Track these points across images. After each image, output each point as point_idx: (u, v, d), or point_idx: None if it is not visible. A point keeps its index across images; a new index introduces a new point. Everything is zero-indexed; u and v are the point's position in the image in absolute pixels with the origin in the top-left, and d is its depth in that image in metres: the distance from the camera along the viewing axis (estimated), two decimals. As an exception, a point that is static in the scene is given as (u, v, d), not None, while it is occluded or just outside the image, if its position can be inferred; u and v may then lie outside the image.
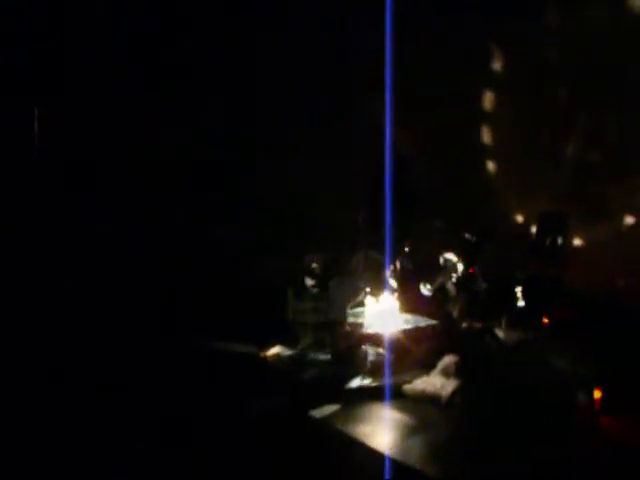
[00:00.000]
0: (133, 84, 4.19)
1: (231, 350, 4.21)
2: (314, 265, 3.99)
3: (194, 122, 4.54)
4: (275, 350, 4.23)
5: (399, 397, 3.75)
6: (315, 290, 3.98)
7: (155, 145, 4.38)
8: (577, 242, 4.58)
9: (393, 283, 4.37)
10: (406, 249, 4.28)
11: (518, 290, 4.00)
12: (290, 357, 4.20)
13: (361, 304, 4.27)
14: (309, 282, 4.04)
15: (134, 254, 4.32)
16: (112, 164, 4.24)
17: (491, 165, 5.14)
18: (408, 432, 3.41)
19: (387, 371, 3.90)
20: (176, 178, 4.59)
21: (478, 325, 4.13)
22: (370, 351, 4.00)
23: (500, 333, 4.20)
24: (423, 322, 4.26)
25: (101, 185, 4.22)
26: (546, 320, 4.15)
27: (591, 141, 4.42)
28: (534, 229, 4.60)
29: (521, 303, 4.02)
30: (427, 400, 3.69)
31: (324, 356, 4.13)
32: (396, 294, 4.39)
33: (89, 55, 3.93)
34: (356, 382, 3.85)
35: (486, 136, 5.22)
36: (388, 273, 4.32)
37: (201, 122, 4.48)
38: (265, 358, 4.18)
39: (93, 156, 4.13)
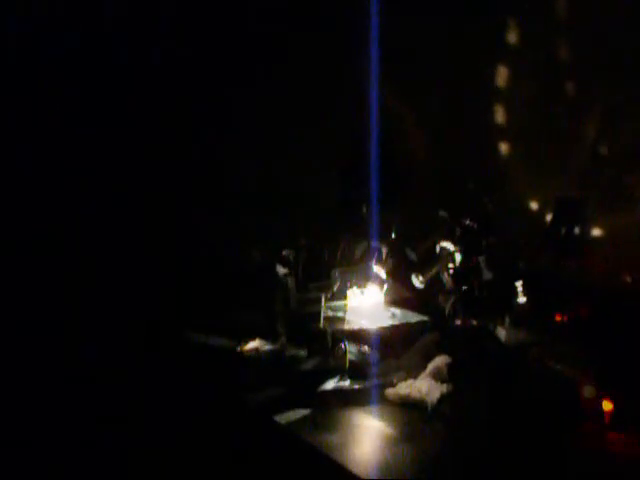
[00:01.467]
0: (118, 80, 4.19)
1: (209, 344, 4.01)
2: (286, 253, 3.59)
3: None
4: (253, 344, 3.95)
5: (380, 402, 3.40)
6: (287, 278, 3.58)
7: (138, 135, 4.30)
8: (596, 232, 4.16)
9: (381, 273, 3.94)
10: (392, 235, 3.83)
11: (519, 284, 3.54)
12: (268, 353, 3.91)
13: (342, 296, 3.85)
14: (281, 270, 3.65)
15: (117, 246, 4.22)
16: (95, 152, 4.20)
17: (504, 147, 4.69)
18: (383, 445, 3.03)
19: (369, 372, 3.54)
20: (158, 162, 4.43)
21: (475, 323, 3.67)
22: (351, 349, 3.60)
23: (502, 332, 3.74)
24: (412, 318, 3.86)
25: (86, 172, 4.20)
26: (559, 318, 3.69)
27: (611, 124, 4.09)
28: (549, 217, 4.24)
29: (522, 299, 3.55)
30: (411, 407, 3.34)
31: (305, 353, 3.83)
32: (384, 285, 3.92)
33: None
34: (332, 384, 3.50)
35: (500, 116, 4.72)
36: (374, 261, 3.89)
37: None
38: (242, 353, 3.90)
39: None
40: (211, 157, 4.51)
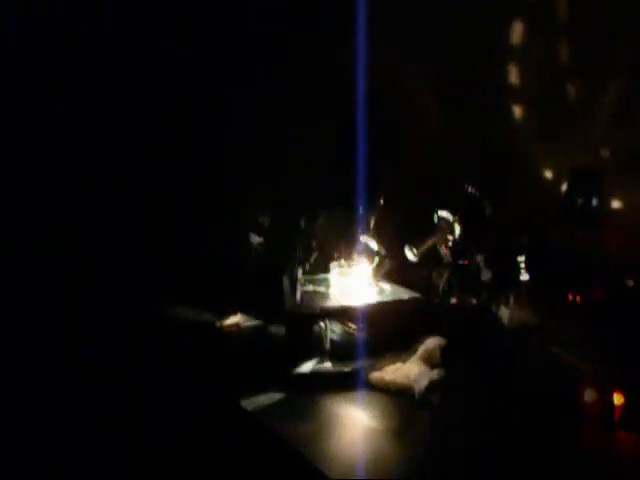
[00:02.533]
0: (117, 80, 4.10)
1: (187, 318, 3.75)
2: (262, 220, 3.26)
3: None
4: (234, 320, 3.65)
5: (363, 388, 3.09)
6: (260, 246, 3.24)
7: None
8: (615, 204, 3.85)
9: (371, 244, 3.58)
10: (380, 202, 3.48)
11: (522, 260, 3.18)
12: (248, 329, 3.60)
13: (325, 269, 3.49)
14: (255, 240, 3.31)
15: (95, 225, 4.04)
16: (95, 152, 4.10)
17: (518, 111, 4.29)
18: (363, 438, 2.73)
19: (351, 354, 3.23)
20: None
21: (473, 302, 3.33)
22: (333, 328, 3.29)
23: (505, 312, 3.42)
24: (404, 294, 3.51)
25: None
26: (570, 298, 3.40)
27: (635, 90, 3.72)
28: (564, 187, 3.92)
29: (524, 277, 3.20)
30: (397, 394, 3.03)
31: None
32: (373, 258, 3.59)
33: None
34: (309, 366, 3.18)
35: (513, 77, 4.31)
36: (363, 232, 3.53)
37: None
38: (222, 328, 3.61)
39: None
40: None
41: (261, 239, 3.34)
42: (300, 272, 3.23)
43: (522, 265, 3.23)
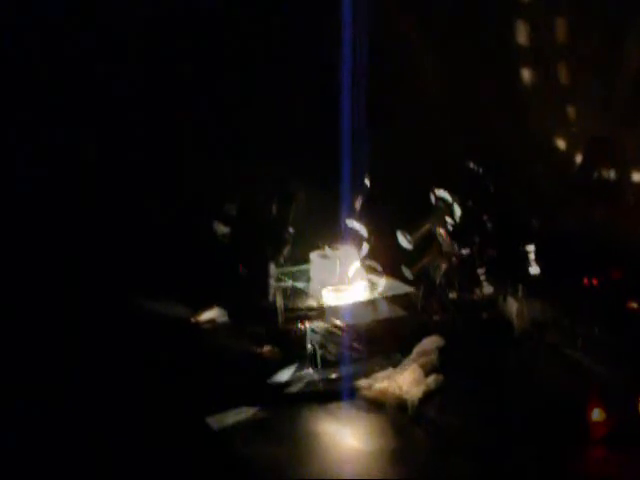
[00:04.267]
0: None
1: (161, 313, 3.42)
2: (229, 208, 2.87)
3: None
4: (210, 315, 3.35)
5: (349, 399, 2.77)
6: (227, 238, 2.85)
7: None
8: (637, 177, 3.57)
9: (360, 228, 3.20)
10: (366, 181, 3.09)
11: (531, 250, 2.81)
12: (225, 326, 3.31)
13: (304, 259, 3.09)
14: (222, 230, 2.92)
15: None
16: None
17: (526, 73, 3.94)
18: (343, 463, 2.39)
19: (337, 359, 2.93)
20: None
21: (476, 296, 2.95)
22: (316, 329, 2.95)
23: (513, 306, 3.09)
24: (396, 289, 3.12)
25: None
26: (587, 282, 3.13)
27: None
28: (579, 158, 3.66)
29: (535, 269, 2.83)
30: (388, 406, 2.71)
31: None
32: (362, 245, 3.21)
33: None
34: (287, 374, 2.87)
35: (522, 35, 3.98)
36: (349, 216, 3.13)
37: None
38: (197, 324, 3.33)
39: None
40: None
41: (227, 229, 2.94)
42: (273, 267, 2.84)
43: (532, 256, 2.85)
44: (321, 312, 2.90)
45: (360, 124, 3.10)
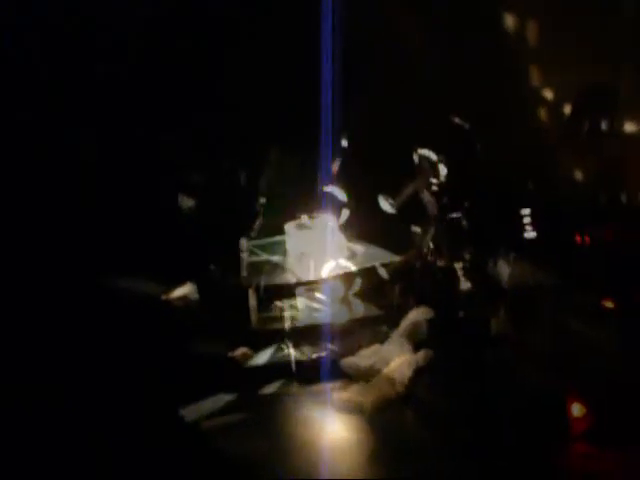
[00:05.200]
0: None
1: (132, 290, 3.17)
2: (194, 178, 2.64)
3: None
4: (182, 291, 3.14)
5: (333, 380, 2.63)
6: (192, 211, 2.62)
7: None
8: (629, 127, 3.39)
9: (338, 193, 2.99)
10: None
11: (526, 213, 2.64)
12: (197, 303, 3.09)
13: (279, 229, 2.88)
14: (186, 203, 2.69)
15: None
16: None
17: (511, 20, 3.68)
18: (328, 457, 2.24)
19: (318, 337, 2.77)
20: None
21: (464, 264, 2.80)
22: (295, 305, 2.82)
23: (504, 270, 2.94)
24: (379, 258, 2.96)
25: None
26: (579, 240, 3.00)
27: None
28: (568, 108, 3.44)
29: (530, 234, 2.66)
30: (375, 386, 2.58)
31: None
32: (341, 212, 3.02)
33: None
34: (265, 356, 2.72)
35: None
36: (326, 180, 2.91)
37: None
38: (168, 301, 3.11)
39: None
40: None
41: (193, 202, 2.71)
42: (244, 241, 2.63)
43: (527, 220, 2.67)
44: (298, 289, 2.72)
45: (337, 83, 2.85)
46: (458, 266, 2.80)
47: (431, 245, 2.85)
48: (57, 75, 3.48)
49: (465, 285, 2.92)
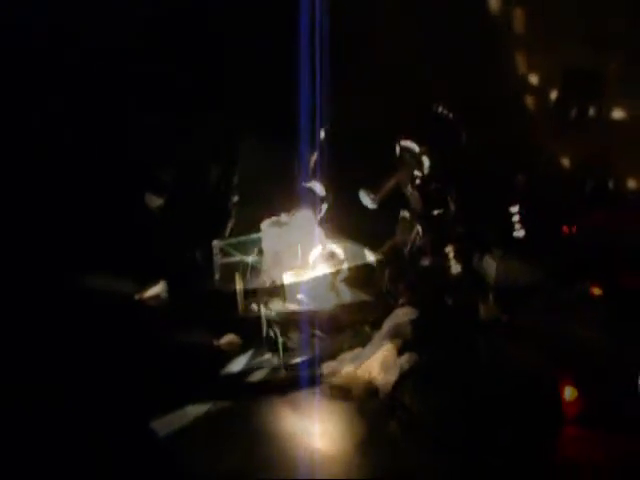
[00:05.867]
0: None
1: (103, 289, 3.06)
2: (162, 175, 2.48)
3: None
4: (155, 290, 3.01)
5: (314, 388, 2.52)
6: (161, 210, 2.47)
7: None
8: (617, 114, 3.28)
9: (316, 186, 2.85)
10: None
11: (515, 210, 2.52)
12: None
13: (254, 227, 2.73)
14: (155, 202, 2.52)
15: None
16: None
17: (494, 2, 3.51)
18: (307, 472, 2.10)
19: (297, 342, 2.67)
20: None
21: (450, 263, 2.68)
22: (273, 308, 2.65)
23: (491, 265, 2.85)
24: (360, 257, 2.85)
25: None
26: (566, 230, 2.96)
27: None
28: (554, 93, 3.34)
29: (519, 232, 2.55)
30: (358, 392, 2.48)
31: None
32: (321, 207, 2.90)
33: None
34: (241, 362, 2.61)
35: None
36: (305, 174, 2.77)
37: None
38: (141, 301, 2.99)
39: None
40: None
41: (161, 200, 2.54)
42: (216, 242, 2.48)
43: (516, 217, 2.55)
44: (275, 291, 2.59)
45: (315, 72, 2.69)
46: (449, 249, 2.71)
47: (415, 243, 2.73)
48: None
49: (455, 269, 2.83)
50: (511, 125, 3.20)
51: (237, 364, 2.54)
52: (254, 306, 2.55)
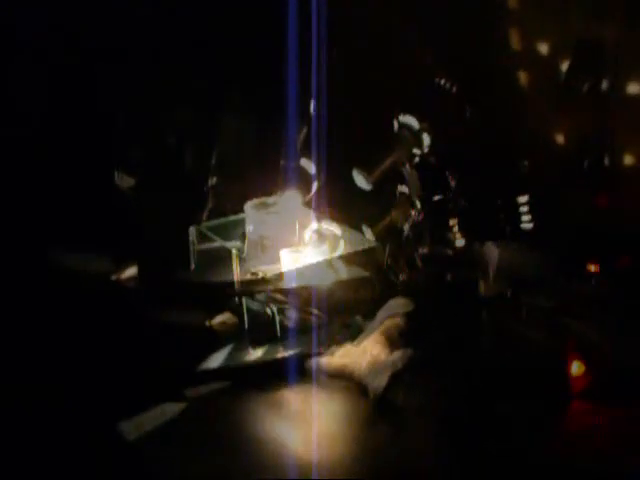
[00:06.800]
0: None
1: (78, 269, 2.97)
2: (132, 151, 2.32)
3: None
4: (133, 271, 2.92)
5: (299, 385, 2.42)
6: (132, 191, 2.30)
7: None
8: (633, 88, 3.12)
9: (306, 164, 2.70)
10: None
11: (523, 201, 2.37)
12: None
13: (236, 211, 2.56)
14: (126, 181, 2.35)
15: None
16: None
17: None
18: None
19: (282, 335, 2.56)
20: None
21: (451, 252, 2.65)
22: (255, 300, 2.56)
23: (493, 251, 2.73)
24: (356, 243, 2.71)
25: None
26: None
27: None
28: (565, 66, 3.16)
29: (527, 225, 2.40)
30: (346, 391, 2.37)
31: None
32: (310, 186, 2.77)
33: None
34: (219, 357, 2.47)
35: None
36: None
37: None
38: (118, 281, 2.90)
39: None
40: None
41: (132, 180, 2.37)
42: (192, 229, 2.30)
43: (523, 208, 2.39)
44: (258, 284, 2.42)
45: (304, 37, 2.50)
46: (453, 222, 2.62)
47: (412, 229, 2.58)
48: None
49: (459, 243, 2.76)
50: (518, 98, 3.07)
51: (215, 360, 2.40)
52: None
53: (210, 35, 2.80)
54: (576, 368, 2.36)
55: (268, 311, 2.53)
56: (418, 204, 2.69)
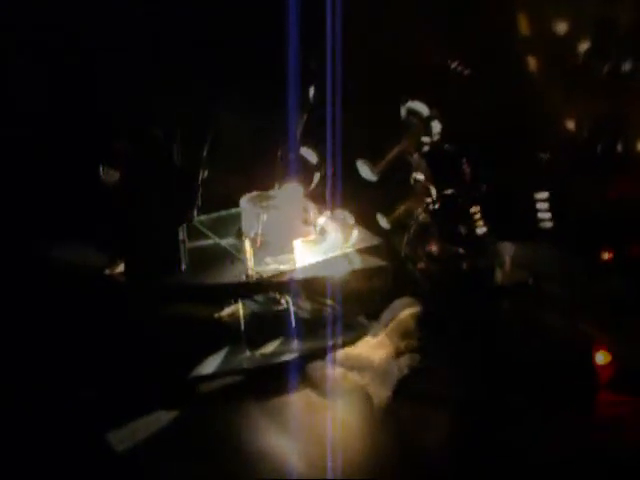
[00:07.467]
0: None
1: (72, 263, 2.84)
2: (119, 145, 2.17)
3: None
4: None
5: (296, 391, 2.30)
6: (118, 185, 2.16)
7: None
8: None
9: (307, 153, 2.56)
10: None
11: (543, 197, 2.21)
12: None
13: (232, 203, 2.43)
14: (112, 175, 2.22)
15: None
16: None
17: None
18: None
19: (280, 338, 2.47)
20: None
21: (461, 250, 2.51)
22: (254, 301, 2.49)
23: (508, 247, 2.63)
24: (364, 240, 2.60)
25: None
26: None
27: None
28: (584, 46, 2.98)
29: (547, 224, 2.25)
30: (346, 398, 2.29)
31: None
32: (312, 177, 2.63)
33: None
34: (216, 360, 2.37)
35: None
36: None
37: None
38: (111, 276, 2.75)
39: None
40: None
41: (118, 173, 2.23)
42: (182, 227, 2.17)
43: (542, 205, 2.23)
44: (256, 285, 2.30)
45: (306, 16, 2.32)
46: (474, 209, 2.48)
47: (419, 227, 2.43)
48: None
49: (481, 230, 2.63)
50: (535, 81, 2.89)
51: (210, 365, 2.29)
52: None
53: (209, 31, 2.65)
54: (602, 358, 2.33)
55: (283, 302, 2.45)
56: (434, 192, 2.54)
